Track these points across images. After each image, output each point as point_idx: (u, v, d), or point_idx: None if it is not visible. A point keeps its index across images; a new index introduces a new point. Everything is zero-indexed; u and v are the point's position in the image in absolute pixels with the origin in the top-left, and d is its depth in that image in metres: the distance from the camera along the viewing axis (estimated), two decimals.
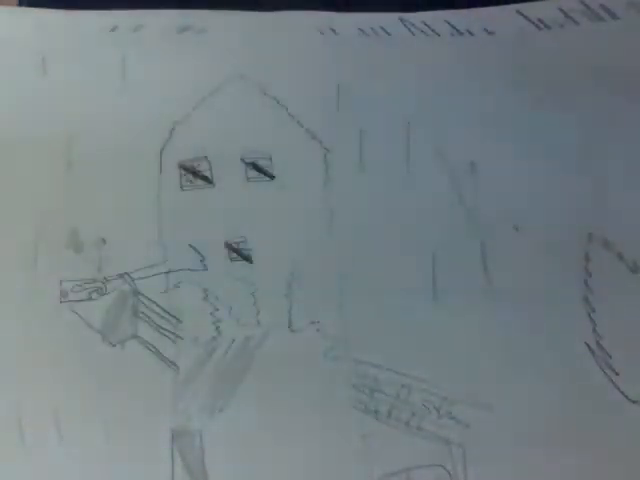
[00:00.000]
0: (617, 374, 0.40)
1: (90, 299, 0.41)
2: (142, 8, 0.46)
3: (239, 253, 0.42)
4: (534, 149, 0.44)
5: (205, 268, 0.42)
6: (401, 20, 0.46)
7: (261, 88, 0.45)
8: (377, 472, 0.37)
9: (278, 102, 0.45)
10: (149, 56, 0.46)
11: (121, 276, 0.41)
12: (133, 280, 0.41)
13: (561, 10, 0.47)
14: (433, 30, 0.46)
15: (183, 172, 0.44)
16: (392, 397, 0.39)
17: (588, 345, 0.40)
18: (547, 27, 0.46)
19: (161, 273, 0.42)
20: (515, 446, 0.38)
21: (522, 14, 0.47)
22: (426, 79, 0.46)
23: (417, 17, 0.47)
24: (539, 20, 0.46)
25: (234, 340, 0.40)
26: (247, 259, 0.42)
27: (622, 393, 0.39)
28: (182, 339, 0.40)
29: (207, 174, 0.44)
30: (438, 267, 0.42)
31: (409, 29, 0.46)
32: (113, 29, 0.45)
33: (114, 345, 0.40)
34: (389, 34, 0.46)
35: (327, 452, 0.38)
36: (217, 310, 0.41)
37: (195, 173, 0.44)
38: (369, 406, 0.39)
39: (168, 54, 0.46)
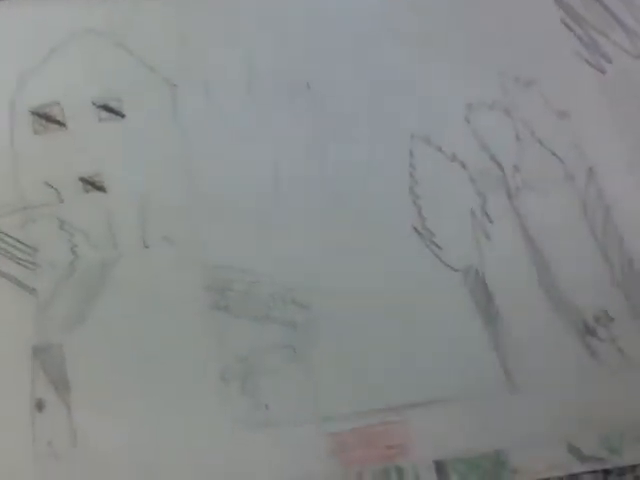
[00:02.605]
0: (440, 248, 0.44)
1: None
2: None
3: (93, 185, 0.44)
4: (362, 67, 0.48)
5: (61, 201, 0.43)
6: None
7: (108, 34, 0.47)
8: (229, 359, 0.40)
9: (123, 45, 0.47)
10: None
11: None
12: None
13: None
14: None
15: (36, 117, 0.45)
16: (242, 293, 0.41)
17: (415, 228, 0.44)
18: None
19: (18, 210, 0.42)
20: (355, 318, 0.41)
21: None
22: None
23: None
24: None
25: (91, 262, 0.42)
26: (101, 189, 0.44)
27: (446, 264, 0.43)
28: (40, 266, 0.41)
29: (59, 118, 0.45)
30: (278, 170, 0.45)
31: None
32: None
33: None
34: None
35: (183, 348, 0.40)
36: (73, 236, 0.42)
37: (48, 118, 0.45)
38: (221, 303, 0.41)
39: (20, 5, 0.47)
